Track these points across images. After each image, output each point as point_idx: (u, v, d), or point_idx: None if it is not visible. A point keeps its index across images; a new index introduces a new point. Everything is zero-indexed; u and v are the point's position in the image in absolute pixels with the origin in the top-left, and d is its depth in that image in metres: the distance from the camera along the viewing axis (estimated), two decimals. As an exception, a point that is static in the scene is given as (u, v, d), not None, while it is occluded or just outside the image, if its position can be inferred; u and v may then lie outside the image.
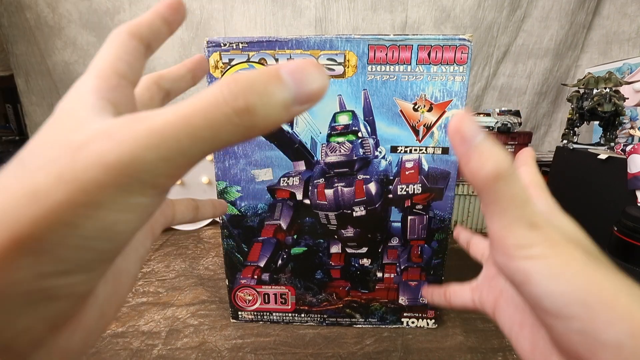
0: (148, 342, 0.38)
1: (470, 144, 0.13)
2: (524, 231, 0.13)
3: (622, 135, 0.62)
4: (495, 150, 0.13)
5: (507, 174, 0.13)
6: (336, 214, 0.37)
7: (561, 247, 0.13)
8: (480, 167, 0.13)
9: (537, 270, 0.13)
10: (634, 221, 0.34)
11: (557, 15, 0.79)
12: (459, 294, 0.23)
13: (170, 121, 0.09)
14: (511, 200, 0.13)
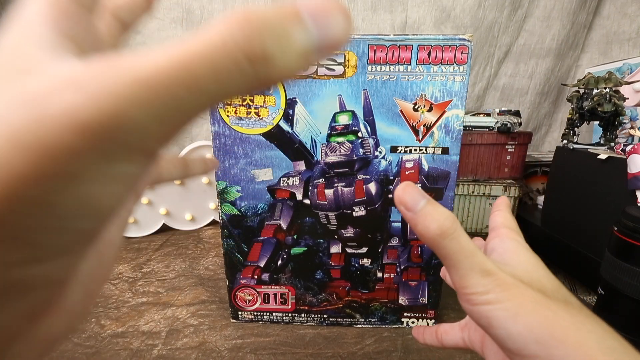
0: (148, 342, 0.38)
1: (414, 210, 0.15)
2: (478, 279, 0.15)
3: (622, 135, 0.62)
4: (437, 212, 0.15)
5: (451, 232, 0.15)
6: (336, 214, 0.37)
7: (514, 289, 0.15)
8: (425, 229, 0.15)
9: (496, 314, 0.14)
10: (634, 221, 0.34)
11: (559, 15, 0.79)
12: (450, 333, 0.24)
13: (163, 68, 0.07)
14: (460, 252, 0.15)
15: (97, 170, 0.07)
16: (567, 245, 0.54)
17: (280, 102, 0.34)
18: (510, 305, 0.14)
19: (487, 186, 0.66)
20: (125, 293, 0.48)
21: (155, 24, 0.77)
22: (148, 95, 0.07)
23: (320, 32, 0.08)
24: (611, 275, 0.36)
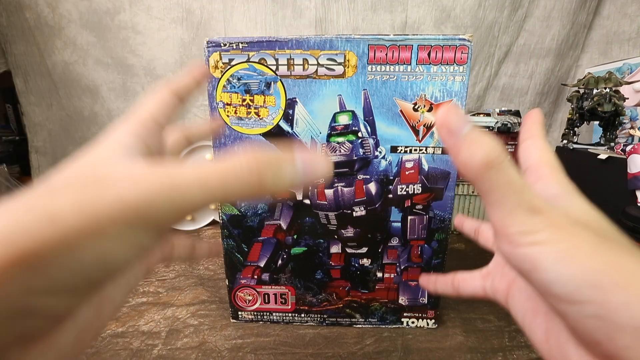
0: (148, 342, 0.38)
1: (457, 135, 0.13)
2: (526, 217, 0.13)
3: (622, 135, 0.62)
4: (484, 139, 0.13)
5: (499, 162, 0.13)
6: (336, 214, 0.37)
7: (568, 230, 0.13)
8: (470, 157, 0.13)
9: (545, 256, 0.13)
10: (634, 221, 0.34)
11: (559, 15, 0.79)
12: (468, 282, 0.22)
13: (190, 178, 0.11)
14: (507, 187, 0.13)
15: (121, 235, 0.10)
16: (567, 245, 0.55)
17: (280, 102, 0.34)
18: (564, 246, 0.12)
19: (487, 186, 0.66)
20: (125, 293, 0.48)
21: (156, 23, 0.77)
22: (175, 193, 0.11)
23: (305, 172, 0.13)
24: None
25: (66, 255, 0.10)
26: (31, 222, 0.09)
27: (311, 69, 0.33)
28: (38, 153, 0.84)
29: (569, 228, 0.13)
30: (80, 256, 0.10)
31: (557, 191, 0.16)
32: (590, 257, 0.12)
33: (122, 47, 0.78)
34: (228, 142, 0.35)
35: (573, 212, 0.15)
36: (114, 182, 0.11)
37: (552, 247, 0.13)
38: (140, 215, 0.10)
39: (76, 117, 0.82)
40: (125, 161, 0.12)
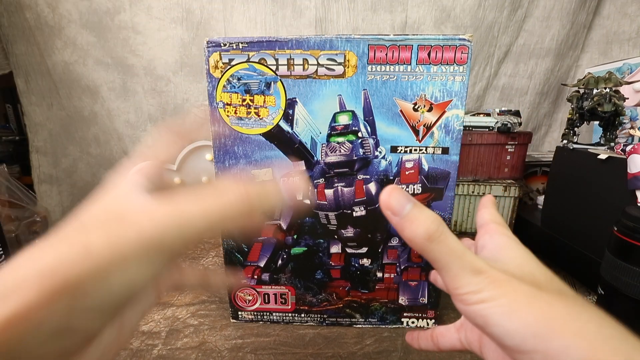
0: (148, 342, 0.38)
1: (400, 215, 0.15)
2: (470, 278, 0.15)
3: (622, 135, 0.62)
4: (423, 216, 0.15)
5: (438, 234, 0.15)
6: (336, 214, 0.37)
7: (506, 285, 0.14)
8: (412, 234, 0.15)
9: (492, 312, 0.14)
10: (634, 221, 0.34)
11: (559, 15, 0.79)
12: (446, 336, 0.23)
13: (194, 212, 0.14)
14: (449, 254, 0.15)
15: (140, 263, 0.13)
16: (567, 245, 0.54)
17: (280, 102, 0.34)
18: (504, 301, 0.14)
19: (487, 186, 0.66)
20: (125, 293, 0.48)
21: (155, 23, 0.77)
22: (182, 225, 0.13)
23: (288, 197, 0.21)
24: (611, 275, 0.36)
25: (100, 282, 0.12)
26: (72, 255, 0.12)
27: (311, 69, 0.33)
28: (38, 153, 0.84)
29: (507, 283, 0.14)
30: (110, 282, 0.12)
31: (499, 242, 0.18)
32: (528, 309, 0.14)
33: (122, 47, 0.78)
34: (228, 142, 0.35)
35: (510, 264, 0.16)
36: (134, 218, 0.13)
37: (494, 302, 0.14)
38: (155, 245, 0.13)
39: (76, 117, 0.82)
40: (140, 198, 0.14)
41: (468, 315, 0.15)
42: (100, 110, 0.83)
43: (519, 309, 0.14)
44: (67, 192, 0.85)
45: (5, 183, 0.70)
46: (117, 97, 0.82)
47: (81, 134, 0.84)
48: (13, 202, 0.61)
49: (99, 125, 0.84)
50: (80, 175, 0.86)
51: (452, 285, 0.15)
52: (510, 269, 0.16)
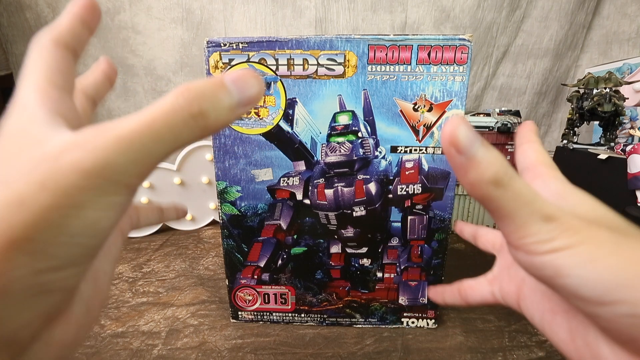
0: (148, 342, 0.38)
1: (467, 155, 0.13)
2: (541, 226, 0.13)
3: (622, 135, 0.62)
4: (491, 156, 0.13)
5: (507, 178, 0.13)
6: (336, 214, 0.37)
7: (585, 232, 0.13)
8: (479, 177, 0.13)
9: (567, 262, 0.12)
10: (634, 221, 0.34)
11: (557, 15, 0.79)
12: (475, 289, 0.22)
13: (136, 128, 0.11)
14: (517, 199, 0.13)
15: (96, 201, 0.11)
16: (567, 245, 0.55)
17: (280, 102, 0.34)
18: (584, 249, 0.12)
19: (487, 186, 0.66)
20: (125, 293, 0.48)
21: (156, 24, 0.77)
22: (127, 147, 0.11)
23: (240, 93, 0.12)
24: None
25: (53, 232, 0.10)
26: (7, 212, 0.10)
27: (311, 69, 0.33)
28: (38, 153, 0.84)
29: (585, 230, 0.13)
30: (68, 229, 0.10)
31: (556, 188, 0.16)
32: (613, 257, 0.12)
33: (122, 47, 0.78)
34: (228, 142, 0.35)
35: (580, 210, 0.14)
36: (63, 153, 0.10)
37: (572, 251, 0.12)
38: (103, 177, 0.10)
39: (76, 117, 0.82)
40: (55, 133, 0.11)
41: (534, 267, 0.13)
42: (100, 110, 0.83)
43: (602, 257, 0.12)
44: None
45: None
46: (117, 97, 0.82)
47: (81, 134, 0.84)
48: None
49: (98, 126, 0.84)
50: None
51: (517, 235, 0.13)
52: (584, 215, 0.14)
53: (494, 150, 0.13)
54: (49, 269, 0.11)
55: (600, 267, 0.12)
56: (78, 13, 0.14)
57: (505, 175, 0.13)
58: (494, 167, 0.13)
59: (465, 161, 0.13)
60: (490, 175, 0.13)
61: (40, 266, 0.10)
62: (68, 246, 0.11)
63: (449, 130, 0.13)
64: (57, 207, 0.10)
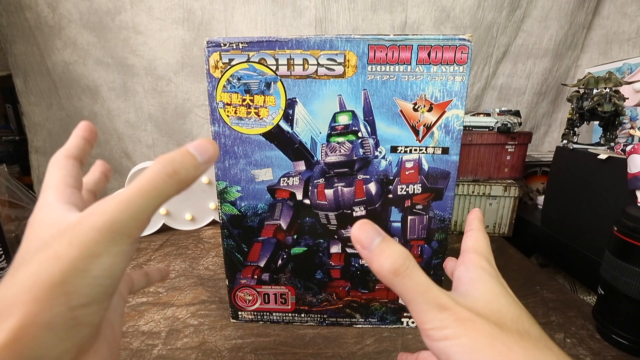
0: (148, 342, 0.38)
1: (369, 249, 0.16)
2: (435, 314, 0.15)
3: (622, 135, 0.62)
4: (390, 250, 0.16)
5: (404, 269, 0.15)
6: (336, 214, 0.37)
7: (470, 324, 0.15)
8: (379, 267, 0.16)
9: (454, 350, 0.14)
10: (634, 221, 0.34)
11: (557, 15, 0.79)
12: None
13: (131, 193, 0.15)
14: (414, 289, 0.15)
15: (109, 250, 0.14)
16: (567, 245, 0.54)
17: (280, 102, 0.34)
18: (466, 340, 0.14)
19: (487, 186, 0.66)
20: (125, 293, 0.48)
21: (157, 24, 0.77)
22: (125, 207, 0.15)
23: (202, 156, 0.17)
24: (611, 275, 0.36)
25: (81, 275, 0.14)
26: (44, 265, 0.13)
27: (311, 69, 0.33)
28: (38, 153, 0.84)
29: (470, 322, 0.15)
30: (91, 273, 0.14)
31: (472, 276, 0.18)
32: (488, 349, 0.14)
33: (122, 47, 0.78)
34: (228, 142, 0.35)
35: (479, 301, 0.17)
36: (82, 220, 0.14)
37: (457, 341, 0.14)
38: (112, 231, 0.14)
39: (76, 117, 0.82)
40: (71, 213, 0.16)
41: (434, 351, 0.15)
42: (100, 110, 0.83)
43: (479, 349, 0.14)
44: (67, 192, 0.85)
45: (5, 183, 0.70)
46: (117, 97, 0.82)
47: (81, 134, 0.84)
48: (13, 202, 0.61)
49: (98, 125, 0.84)
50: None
51: (419, 320, 0.16)
52: (478, 305, 0.16)
53: (397, 246, 0.16)
54: (80, 305, 0.14)
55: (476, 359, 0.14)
56: (81, 134, 0.21)
57: (403, 266, 0.15)
58: (392, 258, 0.16)
59: (368, 254, 0.16)
60: (389, 265, 0.16)
61: (74, 303, 0.13)
62: (92, 286, 0.14)
63: (355, 230, 0.17)
64: (82, 257, 0.14)
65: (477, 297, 0.17)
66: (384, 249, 0.16)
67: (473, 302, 0.16)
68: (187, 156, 0.16)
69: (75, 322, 0.14)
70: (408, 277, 0.15)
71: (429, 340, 0.15)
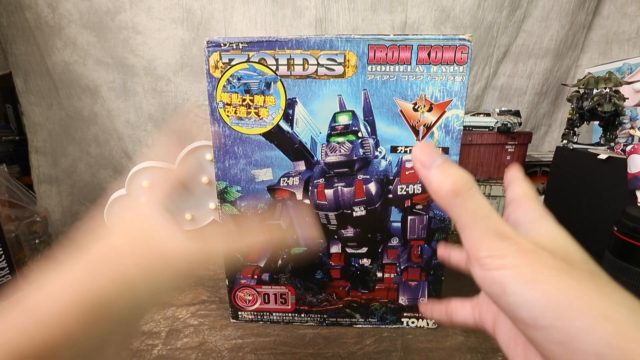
0: (148, 342, 0.38)
1: (429, 167, 0.15)
2: (494, 242, 0.14)
3: (622, 135, 0.62)
4: (452, 170, 0.15)
5: (466, 189, 0.14)
6: (336, 214, 0.37)
7: (533, 255, 0.13)
8: (440, 185, 0.15)
9: (512, 280, 0.13)
10: (634, 221, 0.34)
11: (558, 15, 0.79)
12: (460, 310, 0.23)
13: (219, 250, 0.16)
14: (475, 213, 0.14)
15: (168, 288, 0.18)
16: (567, 245, 0.54)
17: (280, 102, 0.34)
18: (528, 270, 0.13)
19: (487, 186, 0.66)
20: (125, 293, 0.48)
21: (156, 24, 0.77)
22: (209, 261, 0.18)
23: None
24: (611, 275, 0.36)
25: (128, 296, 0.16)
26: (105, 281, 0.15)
27: (311, 69, 0.33)
28: (38, 153, 0.84)
29: (534, 253, 0.13)
30: None
31: (532, 217, 0.17)
32: (552, 281, 0.13)
33: (122, 47, 0.78)
34: (228, 142, 0.35)
35: (543, 238, 0.15)
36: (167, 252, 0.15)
37: (517, 270, 0.13)
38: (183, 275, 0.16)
39: (76, 117, 0.82)
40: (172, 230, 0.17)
41: (485, 282, 0.14)
42: (100, 110, 0.83)
43: (542, 280, 0.13)
44: (67, 192, 0.85)
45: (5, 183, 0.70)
46: (117, 97, 0.82)
47: (81, 134, 0.84)
48: (13, 202, 0.60)
49: (98, 125, 0.84)
50: (80, 176, 0.86)
51: (473, 247, 0.14)
52: (544, 241, 0.15)
53: (457, 168, 0.15)
54: None
55: (539, 290, 0.12)
56: None
57: (465, 186, 0.14)
58: (454, 178, 0.15)
59: (428, 173, 0.15)
60: (450, 184, 0.15)
61: None
62: None
63: (416, 150, 0.16)
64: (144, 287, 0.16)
65: (542, 234, 0.15)
66: (445, 169, 0.15)
67: (537, 238, 0.15)
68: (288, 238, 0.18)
69: None
70: (470, 198, 0.14)
71: (482, 269, 0.14)
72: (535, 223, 0.16)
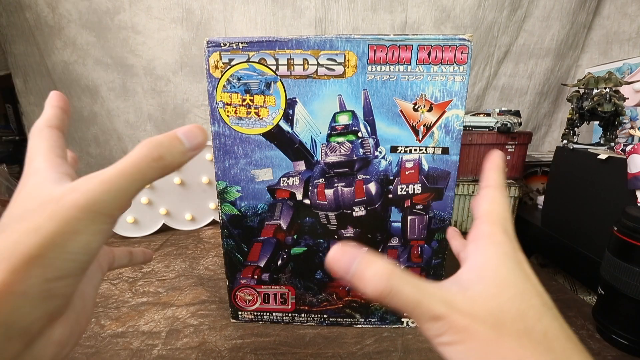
0: (148, 342, 0.38)
1: (347, 275, 0.16)
2: (430, 324, 0.15)
3: (622, 135, 0.62)
4: (370, 274, 0.16)
5: (387, 290, 0.15)
6: (336, 214, 0.37)
7: (464, 332, 0.15)
8: (365, 291, 0.16)
9: (453, 355, 0.15)
10: (634, 221, 0.34)
11: (559, 15, 0.79)
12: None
13: (114, 173, 0.15)
14: (405, 306, 0.15)
15: (88, 228, 0.15)
16: (567, 245, 0.54)
17: (280, 102, 0.34)
18: (461, 348, 0.15)
19: (487, 186, 0.66)
20: (125, 293, 0.48)
21: (155, 24, 0.77)
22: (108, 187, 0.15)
23: (190, 142, 0.17)
24: (611, 275, 0.36)
25: (58, 250, 0.14)
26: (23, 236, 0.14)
27: (311, 69, 0.33)
28: (38, 153, 0.84)
29: (464, 330, 0.15)
30: (68, 248, 0.14)
31: (482, 260, 0.17)
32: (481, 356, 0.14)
33: (122, 47, 0.78)
34: (228, 142, 0.35)
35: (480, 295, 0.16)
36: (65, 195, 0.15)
37: (454, 347, 0.15)
38: (93, 211, 0.15)
39: (76, 117, 0.82)
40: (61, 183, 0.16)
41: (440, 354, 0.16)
42: (100, 110, 0.83)
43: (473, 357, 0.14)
44: (67, 192, 0.85)
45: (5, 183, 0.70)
46: (116, 97, 0.82)
47: (81, 134, 0.84)
48: (13, 202, 0.60)
49: (98, 125, 0.84)
50: (79, 175, 0.86)
51: (420, 327, 0.16)
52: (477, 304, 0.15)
53: (374, 267, 0.16)
54: (55, 278, 0.14)
55: None
56: (56, 104, 0.20)
57: (385, 289, 0.15)
58: (372, 283, 0.16)
59: (350, 280, 0.16)
60: (370, 292, 0.16)
61: (49, 276, 0.14)
62: (68, 261, 0.14)
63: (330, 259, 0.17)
64: (61, 232, 0.14)
65: (479, 292, 0.16)
66: (360, 277, 0.16)
67: (473, 298, 0.16)
68: (175, 141, 0.16)
69: (49, 293, 0.14)
70: (395, 297, 0.15)
71: (433, 344, 0.16)
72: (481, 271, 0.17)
